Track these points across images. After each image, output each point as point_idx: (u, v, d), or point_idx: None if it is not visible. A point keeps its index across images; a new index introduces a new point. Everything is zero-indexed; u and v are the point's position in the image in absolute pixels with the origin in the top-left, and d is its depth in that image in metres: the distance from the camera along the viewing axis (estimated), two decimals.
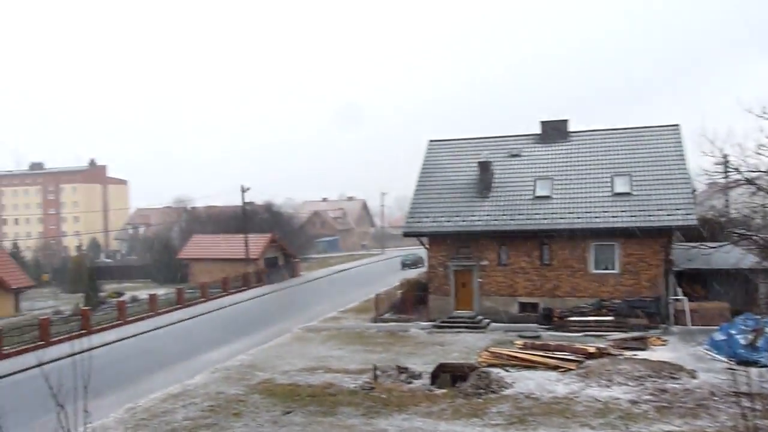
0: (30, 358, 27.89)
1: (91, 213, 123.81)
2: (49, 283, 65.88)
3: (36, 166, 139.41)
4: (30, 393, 20.56)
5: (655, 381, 19.56)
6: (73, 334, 32.23)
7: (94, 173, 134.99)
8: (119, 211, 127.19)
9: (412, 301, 36.37)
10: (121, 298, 45.83)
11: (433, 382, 20.89)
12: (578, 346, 24.32)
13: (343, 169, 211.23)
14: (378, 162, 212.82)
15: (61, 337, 32.37)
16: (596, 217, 30.91)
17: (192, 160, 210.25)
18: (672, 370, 20.63)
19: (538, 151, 35.95)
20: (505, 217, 32.56)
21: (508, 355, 23.34)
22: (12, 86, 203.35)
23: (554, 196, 32.63)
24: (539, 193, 33.07)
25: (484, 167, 34.68)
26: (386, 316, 35.31)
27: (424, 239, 34.64)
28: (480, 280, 32.91)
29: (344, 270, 68.99)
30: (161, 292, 47.59)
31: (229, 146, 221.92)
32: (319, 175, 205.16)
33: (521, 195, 33.38)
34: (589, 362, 22.11)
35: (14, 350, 30.61)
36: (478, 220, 32.90)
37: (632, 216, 30.36)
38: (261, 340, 30.44)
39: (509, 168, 35.28)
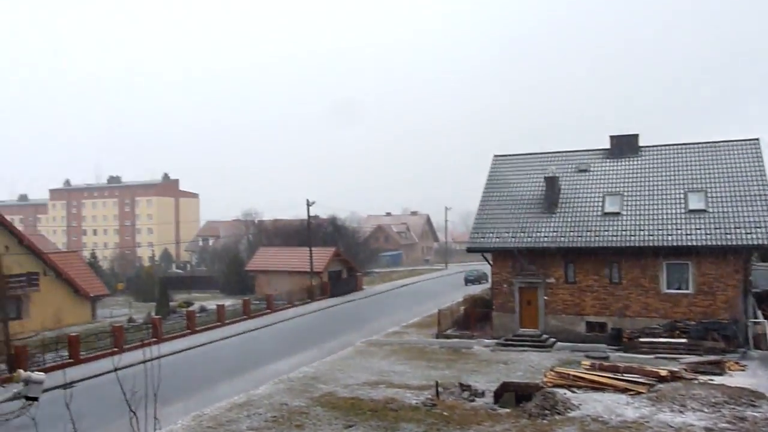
0: (104, 364, 29.07)
1: (164, 225, 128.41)
2: (124, 291, 68.41)
3: (114, 179, 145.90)
4: (104, 397, 21.34)
5: (733, 408, 18.59)
6: (145, 341, 33.32)
7: (168, 187, 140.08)
8: (190, 224, 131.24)
9: (475, 317, 35.95)
10: (190, 308, 47.11)
11: (496, 401, 20.52)
12: (649, 368, 23.41)
13: (407, 184, 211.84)
14: (442, 177, 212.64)
15: (134, 345, 33.52)
16: (669, 235, 29.82)
17: (260, 174, 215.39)
18: (752, 397, 19.57)
19: (607, 166, 35.06)
20: (572, 233, 31.83)
21: (574, 375, 22.69)
22: (93, 104, 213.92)
23: (624, 213, 31.70)
24: (608, 209, 32.20)
25: (551, 182, 34.07)
26: (449, 332, 35.00)
27: (489, 255, 34.23)
28: (546, 297, 32.23)
29: (407, 285, 68.87)
30: (228, 302, 48.70)
31: (295, 160, 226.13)
32: (383, 190, 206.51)
33: (589, 211, 32.58)
34: (660, 386, 21.26)
35: (90, 356, 31.92)
36: (545, 237, 32.29)
37: (708, 234, 29.12)
38: (324, 353, 30.68)
39: (577, 183, 34.53)
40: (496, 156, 38.65)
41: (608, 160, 35.43)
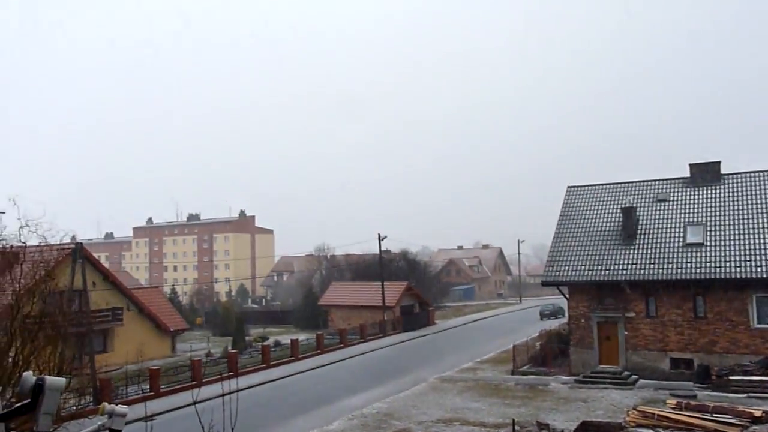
0: (184, 397, 29.77)
1: (240, 261, 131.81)
2: (202, 326, 70.25)
3: (193, 217, 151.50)
4: (183, 431, 21.82)
5: None
6: (222, 375, 33.99)
7: (244, 223, 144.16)
8: (265, 259, 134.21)
9: (552, 353, 34.93)
10: (265, 343, 47.86)
11: None
12: (741, 408, 21.98)
13: (478, 217, 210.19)
14: (513, 209, 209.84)
15: (212, 378, 34.24)
16: (758, 266, 28.23)
17: (332, 209, 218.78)
18: None
19: (688, 195, 33.72)
20: (652, 265, 30.61)
21: (659, 415, 21.56)
22: (173, 146, 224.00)
23: (707, 243, 30.28)
24: (690, 239, 30.85)
25: (628, 213, 33.01)
26: (525, 368, 34.10)
27: (564, 288, 33.33)
28: (626, 332, 30.98)
29: (480, 319, 67.80)
30: (302, 337, 49.24)
31: (367, 197, 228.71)
32: (453, 224, 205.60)
33: (670, 242, 31.31)
34: (754, 427, 19.93)
35: (170, 389, 32.82)
36: (623, 269, 31.18)
37: None
38: (397, 389, 30.43)
39: (655, 214, 33.32)
40: (569, 187, 37.90)
41: (688, 189, 34.08)
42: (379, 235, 61.03)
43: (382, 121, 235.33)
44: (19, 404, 2.28)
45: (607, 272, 31.47)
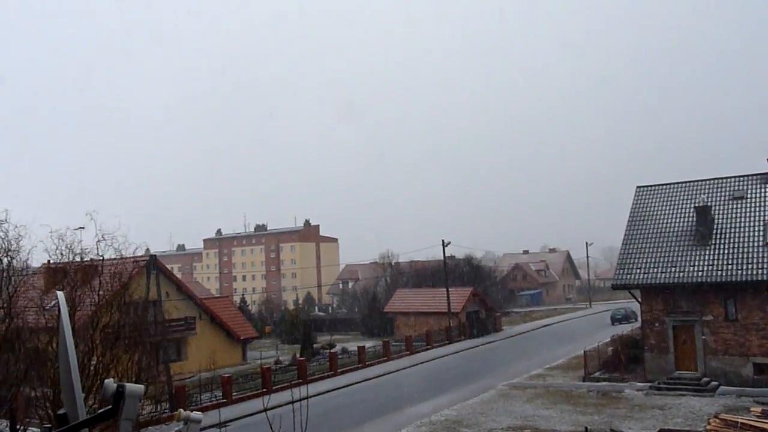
0: (254, 404, 30.34)
1: (306, 269, 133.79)
2: (271, 334, 71.53)
3: (260, 228, 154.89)
4: None
5: None
6: (292, 382, 34.51)
7: (309, 233, 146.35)
8: (331, 268, 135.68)
9: (625, 359, 33.84)
10: (332, 350, 48.30)
11: None
12: None
13: (544, 221, 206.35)
14: (581, 212, 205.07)
15: (281, 386, 34.81)
16: None
17: (395, 216, 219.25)
18: None
19: (767, 192, 32.12)
20: (731, 266, 29.26)
21: (743, 423, 20.53)
22: (241, 160, 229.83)
23: None
24: None
25: (703, 212, 31.71)
26: (597, 374, 33.17)
27: (636, 292, 32.27)
28: (704, 337, 29.70)
29: (548, 324, 66.44)
30: (369, 344, 49.45)
31: (430, 202, 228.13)
32: (518, 228, 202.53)
33: (749, 241, 29.87)
34: None
35: (242, 396, 33.56)
36: (699, 271, 29.93)
37: None
38: (465, 396, 30.13)
39: (732, 212, 31.87)
40: (639, 187, 36.71)
41: (767, 186, 32.48)
42: (443, 241, 60.80)
43: (446, 128, 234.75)
44: (101, 410, 2.36)
45: (681, 274, 30.29)
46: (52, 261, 19.14)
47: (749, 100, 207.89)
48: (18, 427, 16.65)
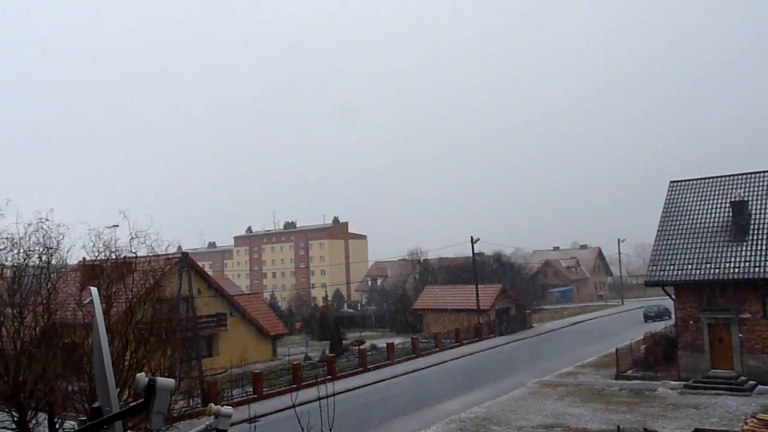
0: (284, 400, 30.58)
1: (335, 266, 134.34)
2: (300, 330, 72.03)
3: (289, 225, 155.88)
4: None
5: None
6: (320, 379, 34.69)
7: (338, 230, 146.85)
8: (359, 264, 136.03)
9: (658, 357, 33.30)
10: (361, 347, 48.44)
11: None
12: None
13: (574, 217, 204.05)
14: (613, 208, 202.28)
15: (310, 382, 35.00)
16: None
17: (424, 213, 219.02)
18: None
19: None
20: None
21: None
22: (269, 158, 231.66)
23: None
24: None
25: (739, 207, 31.01)
26: (629, 372, 32.70)
27: (670, 289, 31.71)
28: (741, 335, 29.06)
29: (579, 322, 65.71)
30: (397, 341, 49.47)
31: (460, 200, 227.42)
32: (548, 224, 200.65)
33: None
34: None
35: (272, 391, 33.84)
36: (735, 267, 29.28)
37: None
38: (495, 393, 29.97)
39: None
40: (672, 182, 36.05)
41: None
42: (471, 237, 60.49)
43: (477, 123, 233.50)
44: (133, 403, 2.39)
45: (717, 271, 29.67)
46: (89, 258, 19.54)
47: None
48: (55, 419, 17.06)
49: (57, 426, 16.89)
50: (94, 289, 2.59)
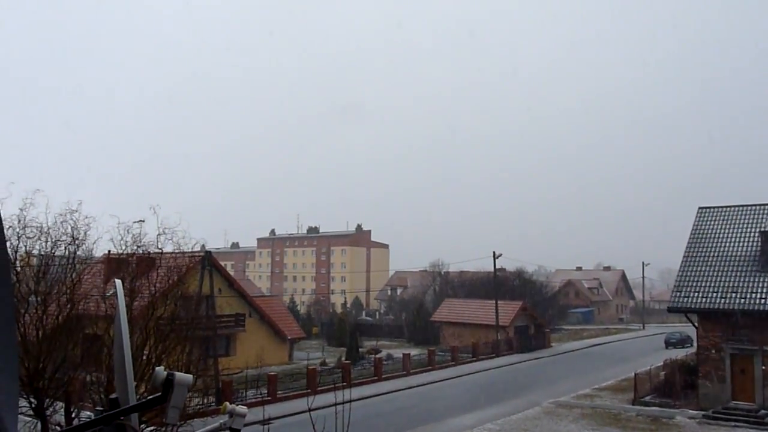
0: (298, 404, 30.65)
1: (356, 274, 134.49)
2: (318, 335, 72.16)
3: (312, 230, 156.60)
4: None
5: None
6: (336, 385, 34.67)
7: (360, 237, 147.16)
8: (380, 273, 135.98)
9: (677, 384, 32.72)
10: (377, 355, 48.38)
11: None
12: None
13: (599, 238, 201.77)
14: (638, 231, 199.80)
15: (326, 387, 34.97)
16: None
17: (447, 225, 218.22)
18: None
19: None
20: None
21: None
22: (296, 162, 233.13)
23: None
24: None
25: None
26: (647, 398, 32.19)
27: (693, 316, 31.20)
28: (764, 367, 28.45)
29: (599, 344, 64.84)
30: (414, 352, 49.29)
31: (484, 214, 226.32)
32: (572, 244, 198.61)
33: None
34: None
35: (286, 395, 33.94)
36: (762, 298, 28.73)
37: None
38: (509, 411, 29.71)
39: None
40: (701, 208, 35.54)
41: None
42: (494, 252, 60.18)
43: (503, 141, 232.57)
44: (151, 397, 2.44)
45: (743, 300, 29.13)
46: (116, 251, 19.82)
47: None
48: (72, 409, 17.30)
49: (73, 415, 17.12)
50: (118, 282, 2.64)
